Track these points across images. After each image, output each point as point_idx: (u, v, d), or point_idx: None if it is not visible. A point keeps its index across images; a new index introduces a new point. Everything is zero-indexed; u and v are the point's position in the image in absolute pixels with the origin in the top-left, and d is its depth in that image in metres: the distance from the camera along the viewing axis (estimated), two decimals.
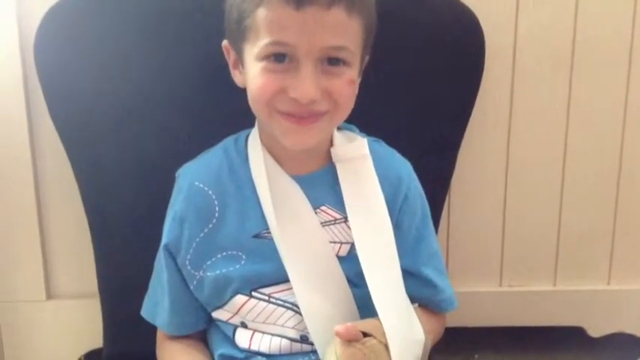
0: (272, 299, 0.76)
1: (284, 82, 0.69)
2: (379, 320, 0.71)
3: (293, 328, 0.76)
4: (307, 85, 0.67)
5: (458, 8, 0.96)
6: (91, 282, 1.00)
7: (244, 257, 0.76)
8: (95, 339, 1.03)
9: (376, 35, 0.76)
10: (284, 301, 0.76)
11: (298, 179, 0.77)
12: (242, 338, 0.78)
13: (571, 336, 1.22)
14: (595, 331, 1.22)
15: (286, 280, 0.75)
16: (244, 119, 0.79)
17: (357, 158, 0.78)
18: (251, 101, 0.73)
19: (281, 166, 0.77)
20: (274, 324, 0.77)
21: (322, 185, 0.78)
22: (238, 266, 0.76)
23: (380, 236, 0.76)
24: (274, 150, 0.78)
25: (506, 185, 1.14)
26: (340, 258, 0.77)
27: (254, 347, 0.77)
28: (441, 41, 0.96)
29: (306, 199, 0.77)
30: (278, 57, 0.69)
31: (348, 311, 0.76)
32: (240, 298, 0.77)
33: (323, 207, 0.77)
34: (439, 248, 0.86)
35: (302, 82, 0.68)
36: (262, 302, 0.76)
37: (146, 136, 0.93)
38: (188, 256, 0.78)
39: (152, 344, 0.85)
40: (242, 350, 0.78)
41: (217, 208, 0.78)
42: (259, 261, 0.76)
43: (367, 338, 0.68)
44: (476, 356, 1.24)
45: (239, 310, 0.77)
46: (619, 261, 1.19)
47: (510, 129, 1.12)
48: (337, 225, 0.77)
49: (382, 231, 0.76)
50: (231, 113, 0.82)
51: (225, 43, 0.78)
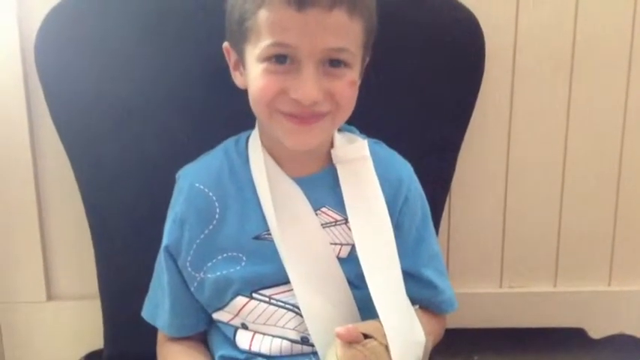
0: (273, 301, 0.76)
1: (285, 84, 0.69)
2: (380, 322, 0.71)
3: (294, 330, 0.76)
4: (309, 87, 0.67)
5: (458, 9, 0.96)
6: (92, 283, 1.00)
7: (245, 259, 0.76)
8: (96, 340, 1.03)
9: (376, 36, 0.76)
10: (285, 303, 0.76)
11: (299, 181, 0.77)
12: (242, 339, 0.78)
13: (571, 337, 1.22)
14: (595, 333, 1.21)
15: (287, 282, 0.75)
16: (245, 120, 0.79)
17: (358, 160, 0.78)
18: (252, 102, 0.73)
19: (281, 168, 0.77)
20: (275, 325, 0.77)
21: (323, 187, 0.78)
22: (239, 268, 0.76)
23: (380, 238, 0.76)
24: (275, 151, 0.78)
25: (506, 186, 1.14)
26: (341, 259, 0.77)
27: (254, 348, 0.77)
28: (441, 42, 0.96)
29: (306, 201, 0.77)
30: (279, 58, 0.69)
31: (349, 313, 0.76)
32: (240, 300, 0.77)
33: (323, 208, 0.77)
34: (439, 249, 0.86)
35: (304, 84, 0.68)
36: (263, 304, 0.76)
37: (147, 137, 0.93)
38: (189, 258, 0.78)
39: (153, 345, 0.85)
40: (242, 352, 0.78)
41: (218, 210, 0.78)
42: (260, 262, 0.76)
43: (368, 340, 0.68)
44: (476, 357, 1.24)
45: (239, 312, 0.77)
46: (619, 262, 1.19)
47: (510, 130, 1.12)
48: (338, 226, 0.77)
49: (383, 232, 0.76)
50: (231, 114, 0.82)
51: (225, 45, 0.78)
